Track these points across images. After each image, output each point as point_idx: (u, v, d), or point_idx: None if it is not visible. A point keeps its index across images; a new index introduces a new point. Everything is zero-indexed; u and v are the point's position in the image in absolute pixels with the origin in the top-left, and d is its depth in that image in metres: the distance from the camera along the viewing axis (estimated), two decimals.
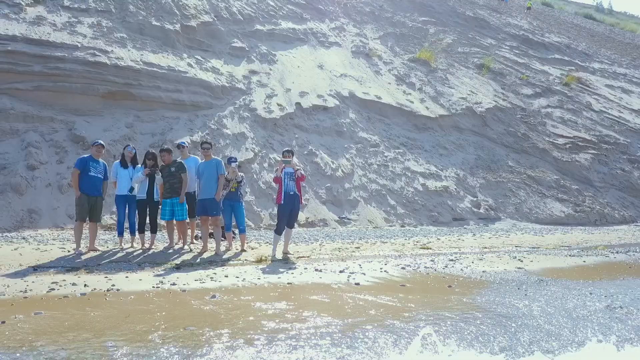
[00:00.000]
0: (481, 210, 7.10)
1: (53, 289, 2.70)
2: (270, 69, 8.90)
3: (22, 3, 7.69)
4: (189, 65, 7.96)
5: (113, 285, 2.82)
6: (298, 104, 7.94)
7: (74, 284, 2.82)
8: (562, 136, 9.69)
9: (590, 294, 2.92)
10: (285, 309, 2.43)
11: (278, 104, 7.74)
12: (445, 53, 12.87)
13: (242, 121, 7.16)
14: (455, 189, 7.28)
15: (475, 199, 7.26)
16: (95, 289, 2.74)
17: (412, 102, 9.01)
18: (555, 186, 8.13)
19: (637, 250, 5.09)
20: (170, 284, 2.92)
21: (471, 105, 9.53)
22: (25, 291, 2.64)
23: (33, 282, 2.85)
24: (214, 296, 2.64)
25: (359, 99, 8.64)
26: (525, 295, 2.83)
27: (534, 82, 12.24)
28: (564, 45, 18.65)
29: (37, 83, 6.42)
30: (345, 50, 10.89)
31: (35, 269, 3.23)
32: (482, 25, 17.15)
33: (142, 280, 2.99)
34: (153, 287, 2.85)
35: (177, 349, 1.77)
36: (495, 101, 10.20)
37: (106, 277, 3.05)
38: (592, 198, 8.17)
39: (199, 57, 8.41)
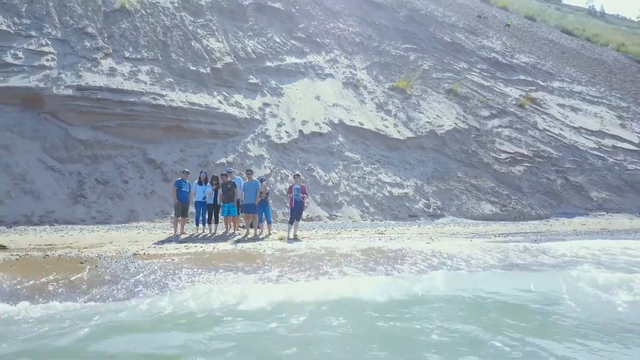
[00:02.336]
0: (430, 210, 9.94)
1: (182, 249, 5.56)
2: (279, 101, 11.75)
3: (97, 57, 10.52)
4: (219, 101, 10.79)
5: (214, 247, 5.68)
6: (300, 131, 10.79)
7: (191, 247, 5.67)
8: (505, 152, 12.57)
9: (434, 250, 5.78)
10: (302, 254, 5.29)
11: (286, 132, 10.59)
12: (421, 79, 15.73)
13: (260, 146, 10.02)
14: (413, 194, 10.13)
15: (427, 201, 10.11)
16: (204, 249, 5.59)
17: (387, 127, 11.87)
18: (490, 192, 10.99)
19: (517, 236, 7.94)
20: (240, 248, 5.78)
21: (434, 128, 12.40)
22: (174, 249, 5.50)
23: (167, 247, 5.71)
24: (264, 251, 5.51)
25: (346, 125, 11.50)
26: (398, 251, 5.70)
27: (492, 105, 15.10)
28: (530, 65, 21.49)
29: (119, 121, 9.25)
30: (337, 81, 13.73)
31: (163, 242, 6.09)
32: (457, 50, 19.99)
33: (224, 246, 5.85)
34: (232, 249, 5.71)
35: (252, 268, 4.62)
36: (455, 123, 13.08)
37: (201, 246, 5.90)
38: (517, 200, 11.02)
39: (225, 94, 11.24)
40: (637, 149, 15.22)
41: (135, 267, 4.46)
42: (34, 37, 10.27)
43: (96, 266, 4.46)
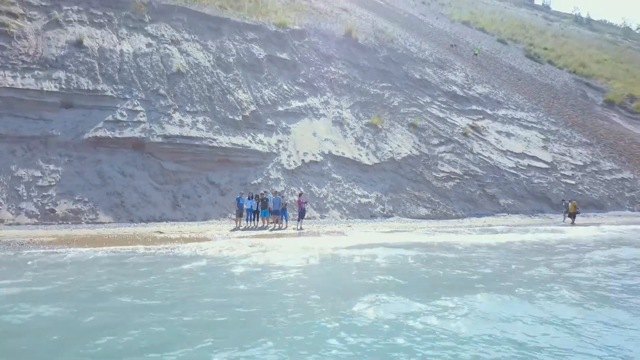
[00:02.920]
0: (384, 212, 15.64)
1: (250, 235, 11.29)
2: (288, 138, 17.44)
3: (170, 112, 16.20)
4: (249, 141, 16.47)
5: (269, 231, 11.43)
6: (303, 160, 16.50)
7: (253, 234, 11.39)
8: (443, 172, 18.31)
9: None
10: (311, 238, 11.02)
11: (293, 161, 16.31)
12: (391, 114, 21.42)
13: (277, 171, 15.73)
14: (374, 202, 15.84)
15: (383, 207, 15.82)
16: (265, 233, 11.32)
17: (361, 156, 17.59)
18: (426, 200, 16.69)
19: (435, 229, 13.61)
20: (276, 234, 11.51)
21: (394, 155, 18.13)
22: (249, 236, 11.22)
23: (241, 234, 11.43)
24: (287, 230, 11.26)
25: (333, 155, 17.22)
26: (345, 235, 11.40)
27: (441, 134, 20.84)
28: (483, 95, 27.15)
29: (190, 157, 14.91)
30: (328, 119, 19.44)
31: (233, 230, 11.80)
32: (424, 85, 25.65)
33: (266, 232, 11.57)
34: (273, 234, 11.44)
35: (282, 237, 10.36)
36: (410, 151, 18.81)
37: (262, 232, 11.63)
38: (444, 206, 16.72)
39: (252, 134, 16.92)
40: (548, 167, 21.01)
41: (231, 244, 10.14)
42: (128, 99, 15.99)
43: (208, 239, 10.15)
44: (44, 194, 12.30)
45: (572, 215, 16.68)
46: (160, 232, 10.94)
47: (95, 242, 9.68)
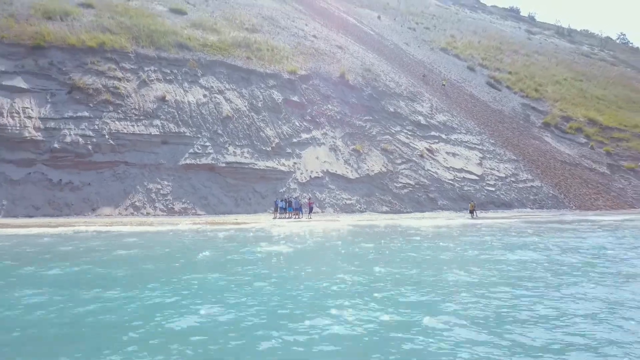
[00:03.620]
0: (361, 209, 25.23)
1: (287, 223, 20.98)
2: (300, 161, 27.12)
3: (226, 145, 25.86)
4: (276, 164, 26.11)
5: (293, 219, 21.17)
6: (310, 176, 26.19)
7: (284, 221, 21.07)
8: (401, 183, 27.98)
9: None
10: (317, 222, 20.72)
11: (304, 177, 26.01)
12: (369, 141, 31.10)
13: (294, 184, 25.43)
14: (354, 203, 25.47)
15: (360, 206, 25.42)
16: (290, 221, 21.02)
17: (347, 173, 27.27)
18: (388, 202, 26.29)
19: (389, 218, 23.22)
20: (295, 220, 21.21)
21: (369, 172, 27.81)
22: (285, 224, 20.92)
23: (276, 222, 21.11)
24: (302, 219, 20.99)
25: (330, 172, 26.92)
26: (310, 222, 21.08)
27: (404, 156, 30.53)
28: (442, 123, 36.71)
29: (243, 175, 24.48)
30: (326, 147, 29.14)
31: (273, 219, 21.49)
32: (396, 116, 35.23)
33: (291, 220, 21.26)
34: (301, 222, 21.16)
35: (300, 220, 20.07)
36: (380, 169, 28.50)
37: (287, 220, 21.33)
38: (399, 205, 26.30)
39: (278, 160, 26.56)
40: (478, 178, 30.73)
41: (270, 224, 19.76)
42: (199, 137, 25.68)
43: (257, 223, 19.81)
44: (165, 198, 21.99)
45: (472, 212, 26.05)
46: (236, 220, 20.55)
47: (217, 224, 19.24)
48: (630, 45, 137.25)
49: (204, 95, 28.70)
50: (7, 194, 19.64)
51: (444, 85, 44.31)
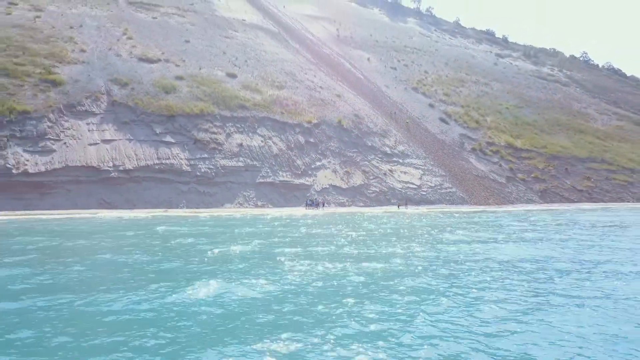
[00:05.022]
0: (348, 205, 48.65)
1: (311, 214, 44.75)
2: (315, 180, 50.85)
3: (278, 170, 49.60)
4: (304, 180, 49.75)
5: (315, 210, 45.01)
6: (322, 187, 49.93)
7: (310, 211, 44.82)
8: (372, 191, 51.63)
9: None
10: (326, 211, 44.48)
11: (319, 188, 49.74)
12: (355, 167, 54.87)
13: (314, 191, 49.17)
14: (345, 201, 48.95)
15: (348, 203, 48.93)
16: (313, 211, 44.79)
17: (342, 184, 50.91)
18: (364, 200, 49.71)
19: (363, 208, 46.78)
20: (315, 211, 45.01)
21: (354, 184, 51.47)
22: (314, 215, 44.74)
23: (306, 211, 44.85)
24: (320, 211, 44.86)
25: (333, 185, 50.63)
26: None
27: (374, 175, 54.28)
28: (400, 151, 60.12)
29: (287, 188, 48.00)
30: (329, 171, 52.99)
31: (306, 209, 45.25)
32: (372, 149, 58.79)
33: (314, 210, 45.03)
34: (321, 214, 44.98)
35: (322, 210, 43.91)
36: (361, 182, 52.24)
37: (312, 209, 45.13)
38: (369, 202, 49.75)
39: (305, 178, 50.20)
40: (416, 187, 54.45)
41: (304, 213, 43.38)
42: (263, 168, 49.49)
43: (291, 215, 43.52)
44: (252, 199, 45.67)
45: (399, 206, 49.45)
46: (290, 210, 44.11)
47: (281, 211, 42.61)
48: (591, 62, 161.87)
49: (261, 140, 52.42)
50: (183, 198, 43.27)
51: (407, 122, 67.96)
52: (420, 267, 12.83)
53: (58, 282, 10.69)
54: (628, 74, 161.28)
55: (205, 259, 13.89)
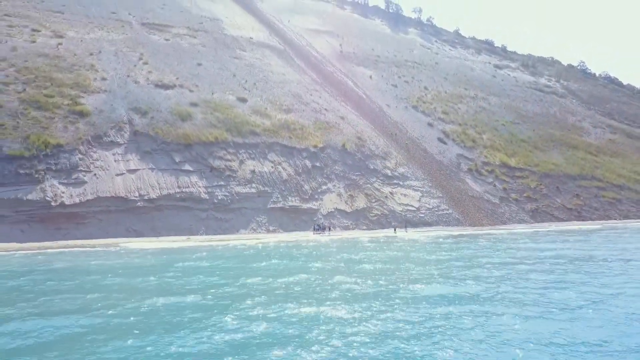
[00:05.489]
0: (352, 228, 53.17)
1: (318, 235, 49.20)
2: (322, 203, 55.28)
3: (286, 195, 54.05)
4: (311, 205, 54.16)
5: (321, 235, 49.50)
6: (327, 211, 54.37)
7: (317, 236, 49.27)
8: (375, 214, 55.95)
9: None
10: (333, 237, 48.95)
11: (323, 212, 54.19)
12: (359, 190, 59.30)
13: (319, 216, 53.63)
14: (349, 224, 53.38)
15: (352, 226, 53.36)
16: (321, 236, 49.25)
17: (346, 208, 55.34)
18: (366, 223, 54.14)
19: (366, 232, 51.17)
20: (322, 235, 49.46)
21: (358, 208, 55.87)
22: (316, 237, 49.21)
23: (314, 237, 49.32)
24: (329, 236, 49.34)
25: (337, 209, 55.06)
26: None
27: (376, 197, 58.70)
28: (400, 173, 64.47)
29: (296, 213, 52.41)
30: (334, 194, 57.43)
31: (313, 235, 49.69)
32: (374, 171, 63.15)
33: (321, 235, 49.49)
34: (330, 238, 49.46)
35: (327, 236, 48.41)
36: (363, 206, 56.67)
37: (320, 235, 49.59)
38: (371, 225, 54.11)
39: (312, 202, 54.61)
40: (415, 209, 58.86)
41: (311, 238, 47.82)
42: (273, 193, 53.94)
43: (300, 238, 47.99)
44: (264, 225, 50.11)
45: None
46: (297, 234, 48.51)
47: (291, 236, 46.97)
48: (588, 71, 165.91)
49: (272, 166, 56.85)
50: (202, 224, 47.76)
51: (406, 143, 72.25)
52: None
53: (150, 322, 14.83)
54: (625, 82, 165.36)
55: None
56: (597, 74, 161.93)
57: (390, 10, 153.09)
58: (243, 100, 68.39)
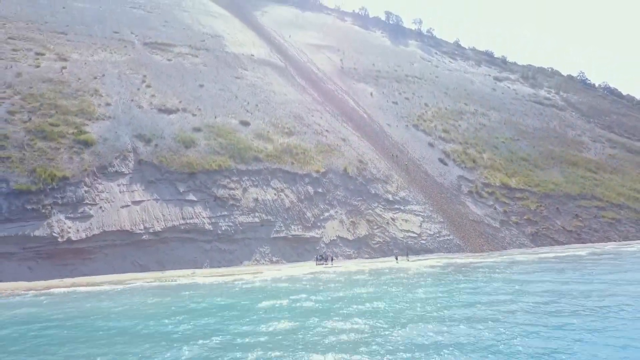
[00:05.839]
0: (354, 257, 53.87)
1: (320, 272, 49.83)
2: (324, 231, 55.95)
3: (289, 224, 54.71)
4: (314, 233, 54.82)
5: (324, 267, 50.14)
6: (330, 240, 55.03)
7: (320, 267, 49.91)
8: (377, 242, 56.68)
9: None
10: (335, 268, 49.60)
11: (327, 240, 54.86)
12: (360, 215, 59.97)
13: (322, 245, 54.31)
14: (352, 253, 54.09)
15: (354, 255, 54.10)
16: (324, 267, 49.90)
17: (348, 236, 55.98)
18: (368, 252, 54.92)
19: (368, 262, 51.81)
20: (326, 266, 50.13)
21: (360, 235, 56.56)
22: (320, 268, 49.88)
23: (316, 268, 49.96)
24: (332, 268, 49.98)
25: (340, 237, 55.71)
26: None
27: (378, 224, 59.38)
28: (400, 197, 65.14)
29: (299, 242, 53.06)
30: (337, 221, 58.12)
31: (315, 265, 50.33)
32: (375, 196, 63.81)
33: (324, 266, 50.14)
34: (328, 266, 50.08)
35: (330, 267, 49.06)
36: (365, 233, 57.33)
37: (324, 267, 50.27)
38: (375, 254, 54.86)
39: (315, 230, 55.28)
40: (417, 235, 59.56)
41: (320, 269, 48.51)
42: (276, 222, 54.60)
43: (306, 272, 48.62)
44: (267, 255, 50.80)
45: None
46: (301, 265, 49.15)
47: (294, 267, 47.62)
48: (588, 82, 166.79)
49: (274, 193, 57.54)
50: (206, 257, 48.43)
51: (406, 164, 72.95)
52: None
53: None
54: (625, 91, 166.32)
55: None
56: (596, 85, 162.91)
57: (391, 22, 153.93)
58: (245, 123, 69.10)
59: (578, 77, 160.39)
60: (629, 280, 33.41)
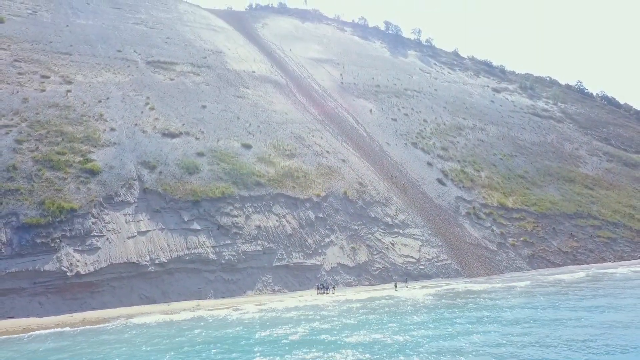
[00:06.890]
0: (355, 284, 55.27)
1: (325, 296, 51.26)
2: (325, 258, 57.36)
3: (290, 252, 56.13)
4: (315, 260, 56.20)
5: (325, 294, 51.57)
6: (331, 267, 56.43)
7: (320, 295, 51.33)
8: (376, 268, 58.13)
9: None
10: (338, 296, 51.01)
11: (328, 267, 56.25)
12: (360, 241, 61.39)
13: (323, 273, 55.70)
14: (352, 280, 55.59)
15: (356, 282, 55.56)
16: (324, 295, 51.31)
17: (349, 262, 57.40)
18: (369, 279, 56.31)
19: (369, 290, 53.24)
20: (326, 294, 51.55)
21: (359, 261, 57.87)
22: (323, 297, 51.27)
23: (317, 296, 51.38)
24: (333, 296, 51.39)
25: (340, 264, 57.10)
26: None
27: (377, 249, 60.86)
28: (400, 220, 66.53)
29: (300, 270, 54.46)
30: (338, 247, 59.50)
31: (317, 294, 51.75)
32: (375, 220, 65.19)
33: (325, 295, 51.55)
34: (327, 295, 51.49)
35: (330, 295, 50.46)
36: (365, 259, 58.70)
37: (324, 295, 51.67)
38: (373, 280, 56.27)
39: (316, 257, 56.67)
40: (415, 261, 61.02)
41: (321, 297, 49.91)
42: (277, 249, 55.96)
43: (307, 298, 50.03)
44: (270, 285, 52.20)
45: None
46: (304, 294, 50.55)
47: (297, 296, 49.01)
48: (586, 91, 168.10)
49: (277, 220, 58.90)
50: (210, 287, 49.83)
51: (404, 185, 74.31)
52: None
53: None
54: (622, 100, 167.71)
55: None
56: (594, 94, 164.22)
57: (390, 32, 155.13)
58: (247, 146, 70.38)
59: (576, 87, 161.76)
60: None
